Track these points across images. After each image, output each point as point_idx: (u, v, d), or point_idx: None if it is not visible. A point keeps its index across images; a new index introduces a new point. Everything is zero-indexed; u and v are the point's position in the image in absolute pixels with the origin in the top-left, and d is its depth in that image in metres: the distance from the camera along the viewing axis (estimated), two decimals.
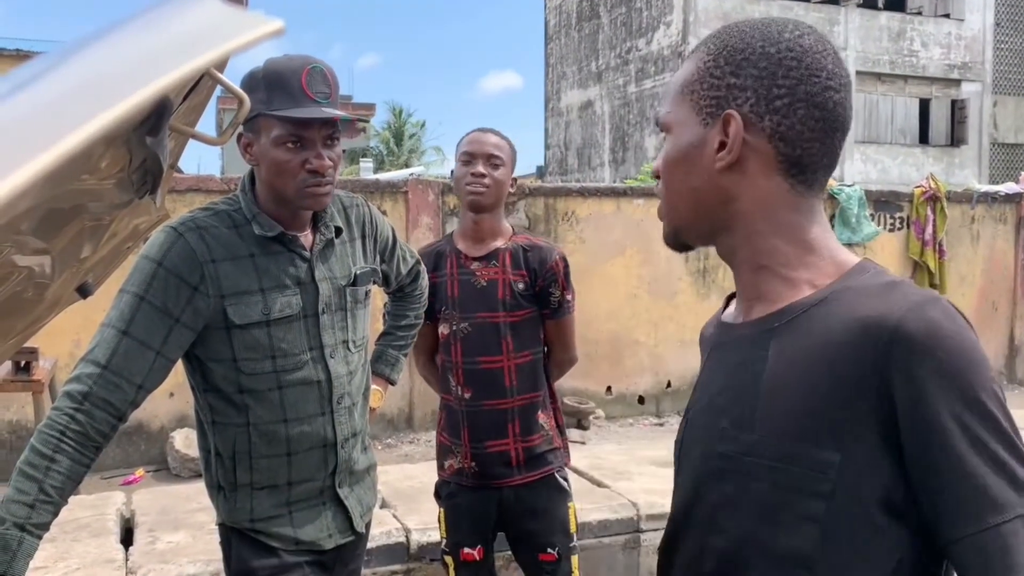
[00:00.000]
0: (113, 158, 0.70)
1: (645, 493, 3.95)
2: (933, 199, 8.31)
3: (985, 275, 8.72)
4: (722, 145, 0.93)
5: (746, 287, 0.99)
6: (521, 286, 2.35)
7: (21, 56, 16.44)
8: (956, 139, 20.01)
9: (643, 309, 7.32)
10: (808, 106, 0.91)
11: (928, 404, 0.81)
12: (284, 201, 1.72)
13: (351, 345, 1.85)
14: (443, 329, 2.40)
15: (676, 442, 1.07)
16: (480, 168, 2.31)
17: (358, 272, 1.88)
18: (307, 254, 1.77)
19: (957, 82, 19.99)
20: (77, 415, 1.54)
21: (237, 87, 0.93)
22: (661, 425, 7.19)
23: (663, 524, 3.89)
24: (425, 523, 3.54)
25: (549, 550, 2.39)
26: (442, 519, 2.48)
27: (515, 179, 2.43)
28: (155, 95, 0.40)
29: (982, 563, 0.80)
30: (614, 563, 3.73)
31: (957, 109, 19.97)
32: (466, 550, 2.42)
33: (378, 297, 2.26)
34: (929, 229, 8.25)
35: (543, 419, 2.42)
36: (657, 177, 1.01)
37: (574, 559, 2.43)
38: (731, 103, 0.92)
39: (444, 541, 2.48)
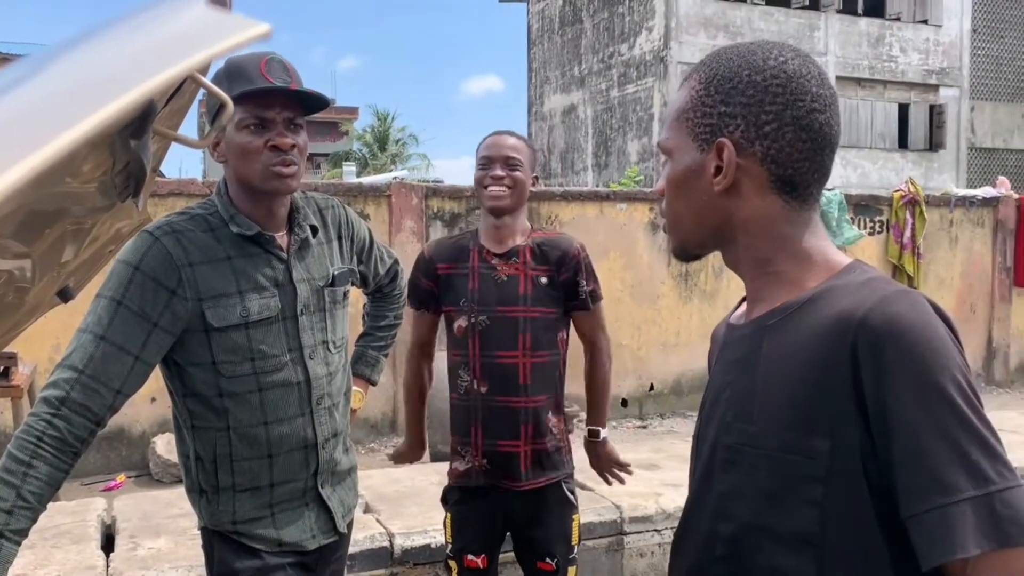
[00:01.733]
0: (96, 161, 0.70)
1: (629, 496, 3.96)
2: (912, 203, 8.39)
3: (963, 278, 8.82)
4: (718, 169, 0.99)
5: (750, 291, 1.07)
6: (544, 280, 2.35)
7: (2, 59, 16.28)
8: (934, 144, 20.20)
9: (626, 313, 7.34)
10: (795, 129, 0.97)
11: (888, 390, 0.86)
12: (254, 193, 1.71)
13: (330, 346, 1.85)
14: (460, 322, 2.38)
15: (693, 437, 1.15)
16: (499, 171, 2.30)
17: (336, 272, 1.87)
18: (284, 255, 1.76)
19: (935, 87, 20.20)
20: (55, 420, 1.52)
21: (220, 90, 0.93)
22: (644, 428, 7.21)
23: (647, 527, 3.89)
24: (409, 527, 3.53)
25: (548, 559, 2.39)
26: (448, 524, 2.46)
27: (536, 178, 2.41)
28: (142, 99, 0.40)
29: (926, 542, 0.83)
30: (598, 566, 3.73)
31: (935, 114, 20.17)
32: (470, 557, 2.40)
33: (359, 302, 2.26)
34: (908, 232, 8.33)
35: (554, 423, 2.41)
36: (661, 196, 1.08)
37: (571, 570, 2.42)
38: (723, 131, 0.99)
39: (449, 546, 2.46)
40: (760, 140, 0.98)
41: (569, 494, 2.44)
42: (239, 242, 1.71)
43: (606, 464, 2.59)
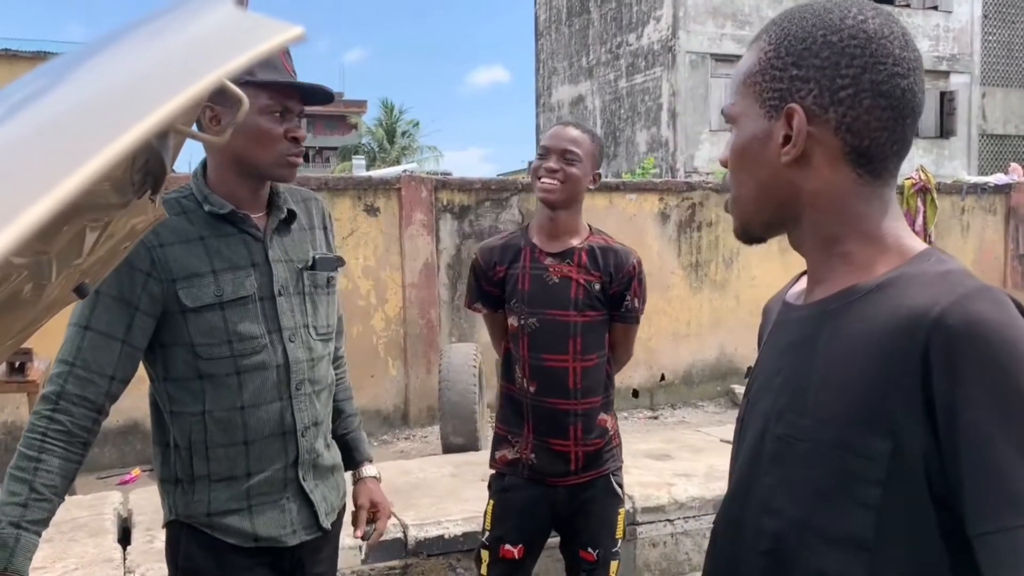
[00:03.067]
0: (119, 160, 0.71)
1: (640, 486, 3.96)
2: (923, 190, 8.34)
3: (975, 266, 8.76)
4: (787, 139, 0.91)
5: (812, 271, 0.99)
6: (597, 287, 2.30)
7: (40, 57, 16.30)
8: (945, 131, 20.07)
9: None
10: (874, 95, 0.88)
11: (962, 396, 0.78)
12: (251, 174, 1.71)
13: (312, 331, 1.80)
14: (512, 322, 2.36)
15: (738, 419, 1.07)
16: (552, 164, 2.25)
17: (317, 256, 1.83)
18: (259, 234, 1.74)
19: (946, 74, 20.05)
20: (55, 415, 1.57)
21: (237, 88, 0.94)
22: (655, 418, 7.22)
23: (659, 517, 3.89)
24: (422, 519, 3.55)
25: (591, 550, 2.36)
26: (489, 511, 2.43)
27: (598, 174, 2.35)
28: (175, 112, 0.40)
29: (993, 565, 0.77)
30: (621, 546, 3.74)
31: (946, 101, 20.03)
32: (506, 547, 2.37)
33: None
34: (919, 220, 8.29)
35: (605, 423, 2.38)
36: (723, 166, 1.00)
37: (614, 564, 2.39)
38: (794, 96, 0.90)
39: (486, 534, 2.42)
40: (835, 107, 0.89)
41: (617, 487, 2.41)
42: (212, 222, 1.70)
43: None
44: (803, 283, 1.04)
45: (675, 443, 4.88)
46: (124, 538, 3.48)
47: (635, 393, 7.46)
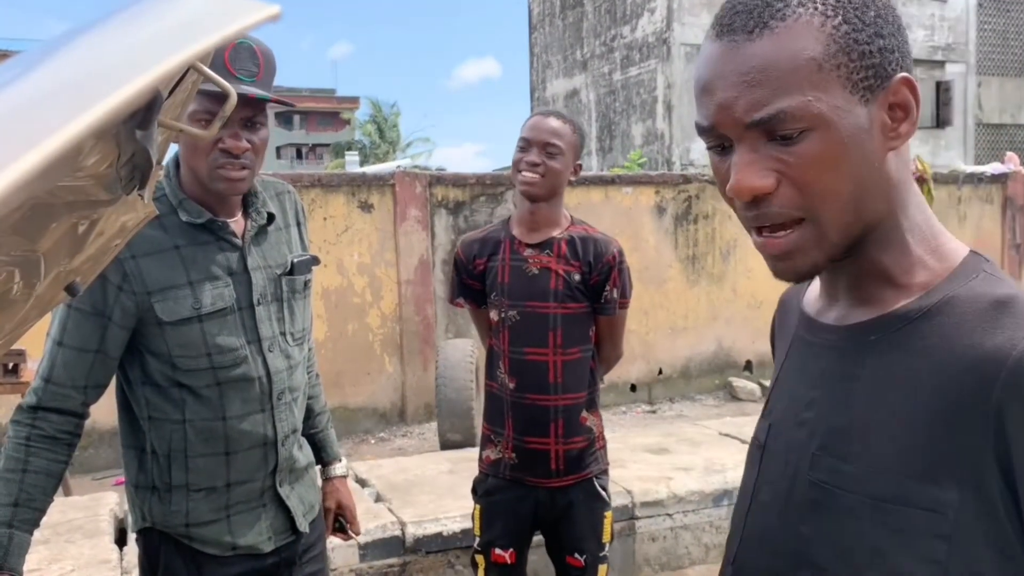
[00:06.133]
0: (102, 153, 0.69)
1: (639, 480, 3.96)
2: (920, 181, 8.34)
3: None
4: (890, 118, 0.78)
5: (834, 279, 0.86)
6: (577, 277, 2.26)
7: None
8: (941, 120, 20.08)
9: (633, 297, 7.31)
10: (910, 57, 0.80)
11: None
12: (203, 183, 1.63)
13: (289, 338, 1.76)
14: (493, 315, 2.34)
15: (757, 444, 0.94)
16: (534, 157, 2.21)
17: (295, 260, 1.77)
18: (238, 242, 1.68)
19: (941, 63, 20.05)
20: (36, 423, 1.59)
21: (223, 80, 0.91)
22: (653, 412, 7.21)
23: (658, 511, 3.87)
24: (420, 516, 3.54)
25: (577, 555, 2.33)
26: (477, 516, 2.41)
27: (579, 165, 2.32)
28: (148, 86, 0.39)
29: None
30: (610, 551, 3.73)
31: (942, 91, 20.03)
32: (498, 551, 2.35)
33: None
34: None
35: (588, 421, 2.34)
36: (764, 193, 0.78)
37: (602, 568, 2.36)
38: (888, 68, 0.77)
39: (476, 540, 2.41)
40: (910, 72, 0.78)
41: (601, 490, 2.37)
42: (188, 230, 1.63)
43: None
44: (817, 284, 0.92)
45: (673, 437, 4.88)
46: (120, 539, 3.47)
47: (633, 387, 7.46)
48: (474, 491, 2.45)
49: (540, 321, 2.26)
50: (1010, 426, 0.70)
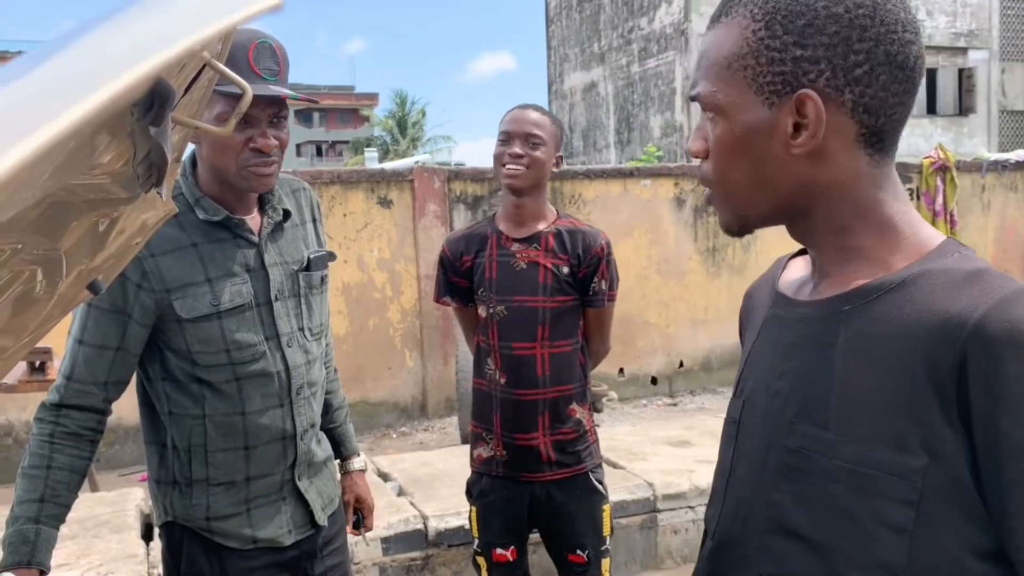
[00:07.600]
0: (118, 151, 0.70)
1: (661, 473, 3.95)
2: (942, 169, 8.24)
3: (997, 244, 8.66)
4: (796, 127, 0.82)
5: (820, 265, 0.90)
6: (565, 271, 2.26)
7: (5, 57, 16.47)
8: (964, 108, 19.82)
9: (653, 290, 7.30)
10: (891, 68, 0.80)
11: (1005, 410, 0.72)
12: (226, 182, 1.65)
13: (307, 333, 1.77)
14: (481, 311, 2.33)
15: (731, 421, 0.97)
16: (517, 149, 2.20)
17: (312, 256, 1.79)
18: (255, 239, 1.69)
19: (964, 50, 19.78)
20: (59, 420, 1.61)
21: (239, 77, 0.92)
22: (675, 405, 7.20)
23: (680, 503, 3.87)
24: (443, 509, 3.55)
25: (579, 551, 2.32)
26: (474, 518, 2.41)
27: (560, 157, 2.31)
28: (149, 73, 0.39)
29: None
30: (633, 543, 3.74)
31: (964, 78, 19.78)
32: (498, 551, 2.35)
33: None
34: (939, 199, 8.19)
35: (577, 413, 2.33)
36: (699, 156, 0.89)
37: (605, 562, 2.35)
38: (801, 79, 0.80)
39: (476, 541, 2.41)
40: (851, 87, 0.80)
41: (597, 484, 2.36)
42: (206, 228, 1.65)
43: None
44: (795, 271, 0.97)
45: (694, 430, 4.86)
46: (147, 534, 3.51)
47: (654, 380, 7.44)
48: (468, 493, 2.44)
49: (529, 315, 2.26)
50: (971, 383, 0.73)
